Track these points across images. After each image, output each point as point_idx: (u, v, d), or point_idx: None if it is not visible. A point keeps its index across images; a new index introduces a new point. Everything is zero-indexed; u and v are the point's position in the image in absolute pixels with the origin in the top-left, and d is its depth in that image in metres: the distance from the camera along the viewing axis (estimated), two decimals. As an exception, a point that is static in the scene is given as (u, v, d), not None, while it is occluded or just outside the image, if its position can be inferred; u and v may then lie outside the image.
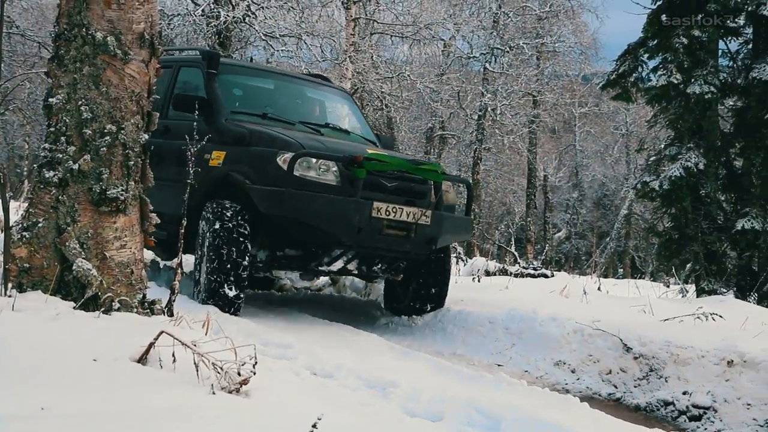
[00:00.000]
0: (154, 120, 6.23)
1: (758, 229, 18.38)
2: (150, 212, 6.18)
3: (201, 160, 9.08)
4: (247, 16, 24.29)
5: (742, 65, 20.04)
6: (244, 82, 11.34)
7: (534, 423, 6.01)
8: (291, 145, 9.07)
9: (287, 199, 8.71)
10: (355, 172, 9.01)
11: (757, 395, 7.87)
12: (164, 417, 3.79)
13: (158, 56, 6.16)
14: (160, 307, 5.91)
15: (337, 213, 8.91)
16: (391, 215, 9.16)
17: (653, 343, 8.85)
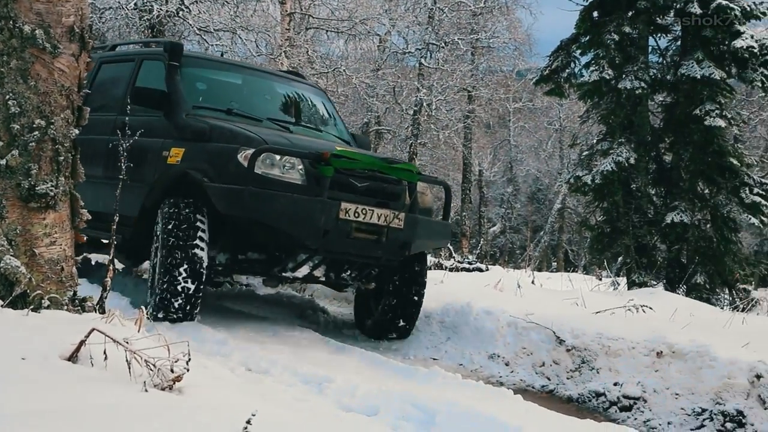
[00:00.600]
0: (84, 115, 6.13)
1: (686, 223, 18.73)
2: (81, 208, 6.08)
3: (159, 157, 8.87)
4: (180, 10, 24.13)
5: (671, 62, 20.34)
6: (209, 75, 10.55)
7: (468, 416, 6.03)
8: (253, 141, 8.37)
9: (247, 198, 7.98)
10: (322, 169, 8.26)
11: (684, 385, 7.97)
12: (95, 416, 3.74)
13: (89, 50, 6.05)
14: (91, 305, 5.81)
15: (301, 214, 8.17)
16: (361, 217, 8.37)
17: (585, 335, 8.92)
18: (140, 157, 8.70)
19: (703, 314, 11.65)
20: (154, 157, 8.90)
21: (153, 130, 8.81)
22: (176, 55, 9.65)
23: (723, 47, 19.65)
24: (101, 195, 9.04)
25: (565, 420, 6.67)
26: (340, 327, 10.38)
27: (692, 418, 7.73)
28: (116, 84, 10.37)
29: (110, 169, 9.44)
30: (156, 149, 8.92)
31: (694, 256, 19.35)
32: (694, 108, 19.23)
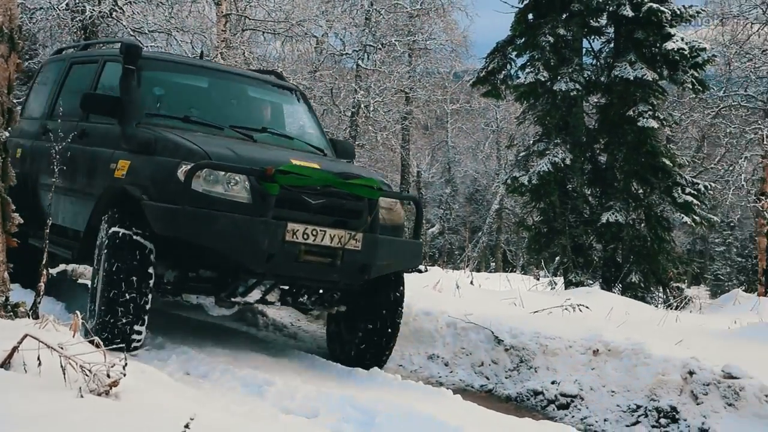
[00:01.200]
0: (15, 116, 6.06)
1: (621, 222, 18.95)
2: (12, 212, 6.02)
3: (107, 170, 8.06)
4: (114, 11, 23.82)
5: (605, 63, 20.56)
6: (171, 79, 9.40)
7: (408, 417, 6.05)
8: (194, 155, 7.40)
9: (181, 218, 7.12)
10: (267, 187, 7.31)
11: (620, 382, 8.06)
12: (30, 423, 3.71)
13: (18, 51, 5.97)
14: (24, 310, 5.75)
15: (241, 236, 7.24)
16: (311, 239, 7.41)
17: (523, 335, 8.99)
18: (91, 169, 8.38)
19: (638, 312, 11.80)
20: (103, 169, 8.16)
21: (106, 139, 8.43)
22: (132, 58, 8.68)
23: (655, 49, 19.89)
24: (60, 207, 8.84)
25: (503, 419, 6.72)
26: (280, 329, 10.33)
27: (628, 415, 7.82)
28: (81, 87, 9.38)
29: (67, 179, 8.68)
30: (105, 160, 8.18)
31: (629, 255, 19.60)
32: (628, 109, 19.48)
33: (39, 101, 10.42)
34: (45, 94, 10.27)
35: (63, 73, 10.05)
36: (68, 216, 8.83)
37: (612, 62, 20.02)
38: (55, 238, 8.60)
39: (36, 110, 10.30)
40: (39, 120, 10.01)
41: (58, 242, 8.79)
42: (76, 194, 8.65)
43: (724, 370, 7.68)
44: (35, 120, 10.12)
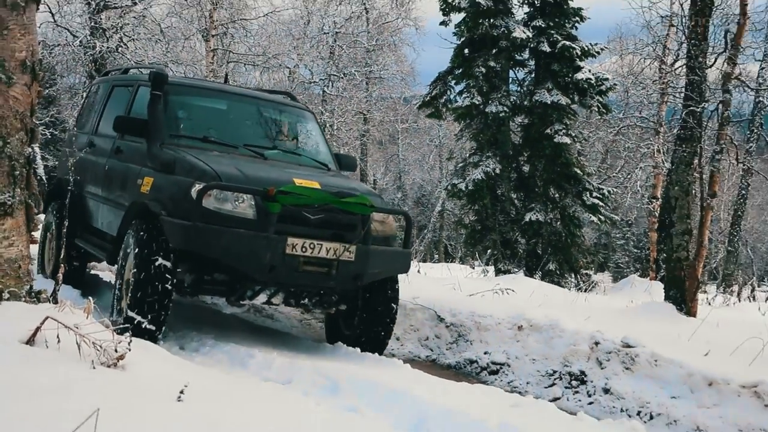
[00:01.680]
0: (37, 135, 5.95)
1: (541, 221, 19.23)
2: (35, 215, 5.93)
3: (135, 185, 7.70)
4: (119, 47, 23.66)
5: (528, 90, 20.72)
6: (194, 102, 8.82)
7: (366, 382, 6.06)
8: (205, 175, 7.04)
9: (193, 234, 6.77)
10: (268, 206, 6.94)
11: (540, 352, 8.10)
12: (49, 390, 3.67)
13: (39, 80, 5.88)
14: (46, 296, 5.67)
15: (246, 250, 6.92)
16: (309, 252, 7.07)
17: (461, 314, 9.01)
18: (123, 182, 8.08)
19: (554, 295, 11.86)
20: (132, 184, 7.78)
21: (136, 157, 8.05)
22: (159, 84, 8.17)
23: (568, 79, 20.07)
24: (99, 213, 8.72)
25: (444, 383, 6.71)
26: (259, 310, 10.26)
27: (546, 378, 7.86)
28: (120, 107, 8.95)
29: (105, 189, 8.62)
30: (134, 176, 7.80)
31: (548, 247, 19.79)
32: (546, 128, 19.68)
33: (89, 117, 10.03)
34: (93, 111, 9.92)
35: (107, 93, 9.66)
36: (105, 222, 8.56)
37: (533, 89, 20.18)
38: (96, 240, 8.54)
39: (87, 126, 9.95)
40: (88, 134, 9.71)
41: (98, 245, 8.57)
42: (112, 203, 8.36)
43: (623, 340, 7.73)
44: (85, 134, 9.82)
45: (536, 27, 20.10)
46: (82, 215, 9.09)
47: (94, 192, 8.92)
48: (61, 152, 10.31)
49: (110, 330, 4.49)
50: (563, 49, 19.68)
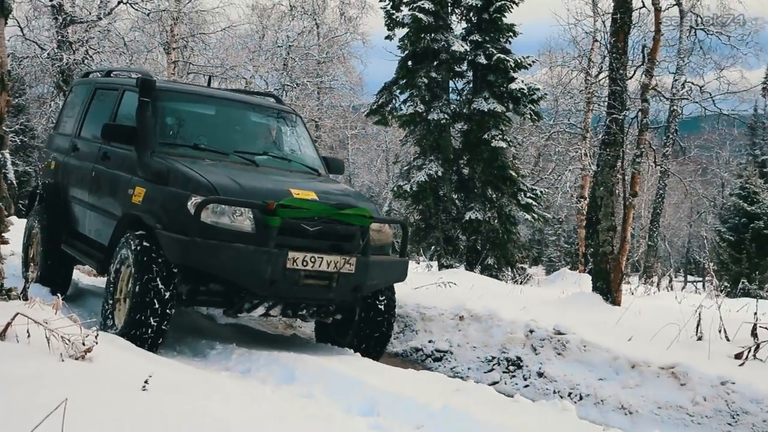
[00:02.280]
0: (6, 142, 5.88)
1: (480, 219, 19.38)
2: (6, 217, 5.83)
3: (125, 194, 6.93)
4: (85, 59, 23.39)
5: (466, 99, 20.83)
6: (183, 108, 7.96)
7: (320, 371, 6.02)
8: (202, 188, 6.33)
9: (191, 249, 6.11)
10: (268, 220, 6.31)
11: (480, 340, 8.11)
12: (20, 381, 3.62)
13: (8, 90, 5.80)
14: (16, 294, 5.60)
15: (245, 265, 6.28)
16: (309, 265, 6.43)
17: (407, 305, 8.97)
18: (113, 190, 7.28)
19: (492, 287, 11.96)
20: (122, 194, 7.02)
21: (124, 164, 7.24)
22: (147, 91, 7.37)
23: (503, 89, 20.22)
24: (86, 220, 7.94)
25: (393, 370, 6.71)
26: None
27: (485, 364, 7.86)
28: (105, 112, 8.07)
29: (92, 196, 7.76)
30: (124, 185, 7.05)
31: (486, 244, 19.94)
32: (483, 134, 19.85)
33: (70, 119, 9.00)
34: (74, 114, 8.87)
35: (89, 96, 8.65)
36: (94, 230, 7.75)
37: (471, 98, 20.31)
38: (84, 247, 7.85)
39: (68, 127, 8.93)
40: (70, 137, 8.70)
41: (87, 253, 7.74)
42: (101, 211, 7.56)
43: (555, 328, 7.78)
44: (67, 137, 8.80)
45: (473, 41, 20.22)
46: (68, 220, 8.30)
47: (80, 197, 8.12)
48: (43, 156, 9.73)
49: (78, 324, 4.43)
50: (498, 61, 19.85)
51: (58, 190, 8.29)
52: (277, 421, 4.04)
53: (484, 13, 20.49)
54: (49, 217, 8.22)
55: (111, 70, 8.95)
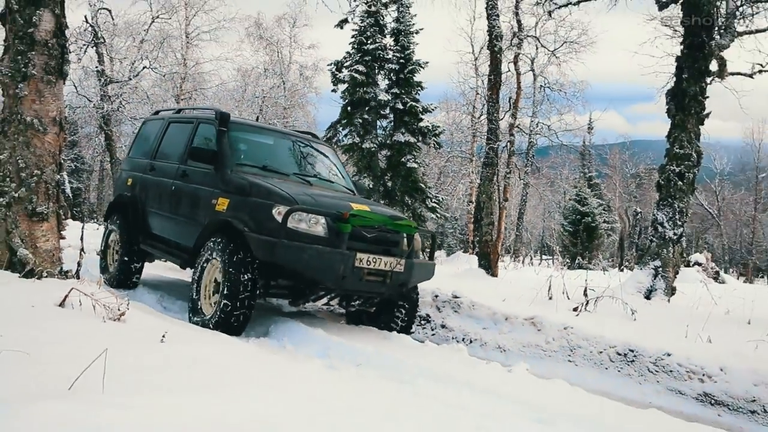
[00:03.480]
0: (64, 167, 5.76)
1: (400, 217, 19.28)
2: (64, 220, 5.73)
3: (209, 204, 6.36)
4: (120, 107, 23.22)
5: (389, 133, 20.85)
6: (249, 137, 7.36)
7: (288, 326, 5.97)
8: (285, 199, 5.81)
9: (280, 249, 5.57)
10: (341, 226, 5.81)
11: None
12: (75, 335, 3.60)
13: (65, 130, 5.72)
14: (72, 274, 5.51)
15: (324, 263, 5.70)
16: (372, 264, 5.96)
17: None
18: (195, 201, 6.65)
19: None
20: (206, 204, 6.43)
21: (205, 180, 6.61)
22: (224, 122, 6.90)
23: (415, 126, 20.34)
24: (166, 225, 7.18)
25: (339, 325, 6.68)
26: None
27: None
28: (180, 139, 7.45)
29: (173, 206, 7.06)
30: (207, 197, 6.45)
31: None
32: (401, 158, 19.95)
33: (144, 146, 8.18)
34: (149, 141, 8.09)
35: (163, 128, 7.95)
36: (174, 233, 7.02)
37: (392, 133, 20.41)
38: (163, 247, 7.15)
39: (143, 152, 8.10)
40: (147, 159, 7.86)
41: (168, 252, 7.07)
42: (182, 218, 6.84)
43: (453, 293, 7.83)
44: (144, 159, 7.94)
45: (393, 93, 20.34)
46: (145, 225, 7.53)
47: (158, 207, 7.34)
48: (119, 174, 8.62)
49: (115, 296, 4.38)
50: (411, 107, 20.03)
51: (136, 202, 7.65)
52: (259, 362, 4.04)
53: (401, 74, 20.66)
54: (128, 223, 7.60)
55: (181, 108, 8.23)
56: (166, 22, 25.21)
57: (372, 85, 20.43)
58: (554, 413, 3.89)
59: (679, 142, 9.69)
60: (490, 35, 12.38)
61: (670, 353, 5.87)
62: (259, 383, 3.37)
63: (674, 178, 9.62)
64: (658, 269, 9.40)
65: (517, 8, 20.90)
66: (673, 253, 9.51)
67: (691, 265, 19.67)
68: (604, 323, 6.89)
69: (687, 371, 5.71)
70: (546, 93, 27.93)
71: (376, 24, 21.01)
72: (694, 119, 9.74)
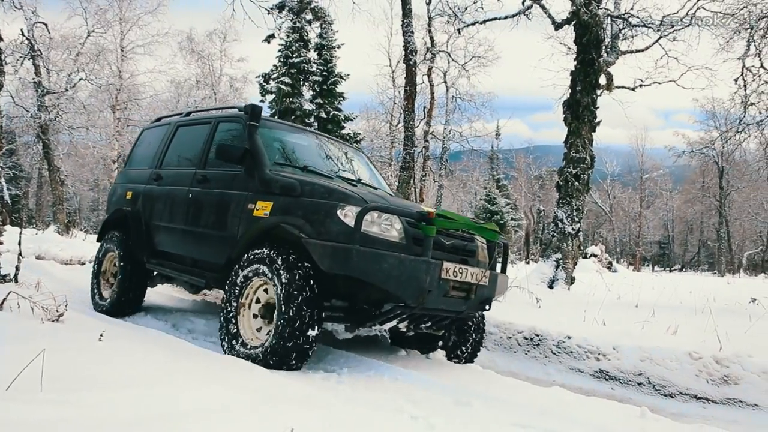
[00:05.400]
0: (1, 174, 5.45)
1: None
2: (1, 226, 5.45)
3: (244, 209, 4.86)
4: (56, 117, 22.37)
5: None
6: (282, 136, 5.74)
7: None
8: (351, 198, 4.33)
9: (355, 257, 4.07)
10: (425, 229, 4.35)
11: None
12: (14, 336, 3.44)
13: (2, 139, 5.46)
14: (10, 278, 5.23)
15: (407, 274, 4.19)
16: (458, 276, 4.51)
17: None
18: (223, 208, 5.11)
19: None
20: (238, 209, 4.93)
21: (235, 183, 5.11)
22: (256, 116, 5.37)
23: (337, 134, 20.31)
24: (180, 240, 5.63)
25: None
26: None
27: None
28: (194, 143, 6.00)
29: (190, 218, 5.50)
30: (240, 201, 4.95)
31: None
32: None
33: (145, 155, 6.75)
34: (152, 150, 6.66)
35: (169, 133, 6.50)
36: (193, 249, 5.46)
37: (318, 141, 20.32)
38: (179, 266, 5.59)
39: (143, 162, 6.70)
40: (149, 169, 6.45)
41: (188, 271, 5.48)
42: (206, 230, 5.26)
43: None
44: (146, 169, 6.51)
45: (317, 103, 20.28)
46: (149, 242, 6.01)
47: (170, 220, 5.80)
48: (112, 189, 7.17)
49: (53, 298, 4.19)
50: (333, 116, 20.00)
51: (139, 216, 6.20)
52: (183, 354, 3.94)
53: (324, 85, 20.62)
54: (130, 239, 6.21)
55: (190, 111, 6.89)
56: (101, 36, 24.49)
57: (297, 95, 20.31)
58: (470, 395, 3.97)
59: (575, 147, 10.09)
60: (406, 50, 12.53)
61: (571, 336, 6.08)
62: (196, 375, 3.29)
63: (571, 180, 10.00)
64: (559, 261, 9.75)
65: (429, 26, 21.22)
66: (572, 246, 9.88)
67: (588, 256, 20.49)
68: (513, 311, 6.99)
69: (585, 351, 5.93)
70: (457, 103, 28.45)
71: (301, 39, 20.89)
72: (588, 127, 10.16)
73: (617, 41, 10.76)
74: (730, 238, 40.36)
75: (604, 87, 10.72)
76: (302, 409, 2.93)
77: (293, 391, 3.28)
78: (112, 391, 2.70)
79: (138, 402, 2.60)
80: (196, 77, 33.66)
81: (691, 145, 33.56)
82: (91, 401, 2.51)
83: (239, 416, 2.61)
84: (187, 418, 2.48)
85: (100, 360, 3.26)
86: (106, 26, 24.61)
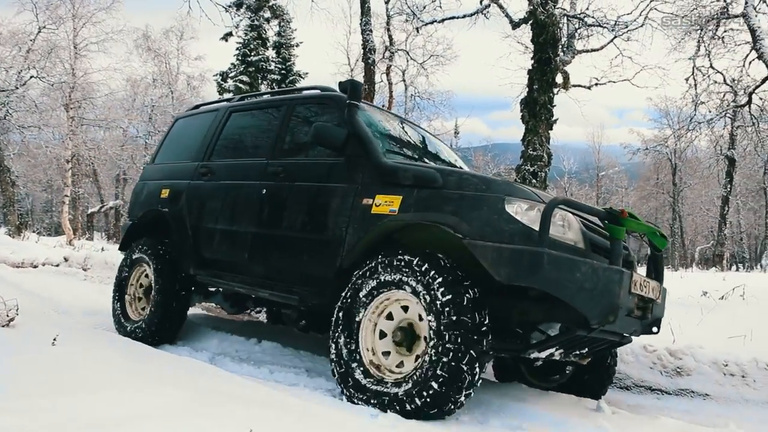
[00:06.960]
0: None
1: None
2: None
3: (358, 206, 3.84)
4: (6, 116, 21.82)
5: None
6: (383, 123, 4.56)
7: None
8: (516, 190, 3.38)
9: (546, 264, 3.07)
10: (615, 231, 3.45)
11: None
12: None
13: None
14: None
15: (600, 287, 3.20)
16: (643, 290, 3.55)
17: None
18: (322, 206, 4.06)
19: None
20: (346, 206, 3.91)
21: (335, 174, 4.09)
22: (357, 95, 4.24)
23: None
24: (249, 247, 4.53)
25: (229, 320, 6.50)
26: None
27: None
28: (259, 130, 5.02)
29: (267, 219, 4.43)
30: (347, 196, 3.94)
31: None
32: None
33: (185, 146, 5.62)
34: (193, 141, 5.53)
35: (219, 120, 5.36)
36: (274, 258, 4.34)
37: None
38: (249, 279, 4.53)
39: (183, 154, 5.58)
40: (193, 162, 5.33)
41: (264, 285, 4.39)
42: (292, 234, 4.21)
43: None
44: (185, 163, 5.43)
45: (278, 102, 20.21)
46: (197, 249, 4.98)
47: (230, 222, 4.71)
48: (139, 187, 5.98)
49: (2, 301, 4.05)
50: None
51: (182, 218, 5.14)
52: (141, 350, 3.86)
53: (283, 84, 20.46)
54: (171, 246, 5.23)
55: (243, 96, 5.74)
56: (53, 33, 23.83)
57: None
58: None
59: (532, 145, 10.24)
60: (365, 49, 12.54)
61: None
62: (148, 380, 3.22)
63: (529, 177, 10.15)
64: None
65: (388, 24, 21.27)
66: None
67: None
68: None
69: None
70: (416, 101, 28.68)
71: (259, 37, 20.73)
72: (545, 125, 10.32)
73: (573, 41, 10.98)
74: (683, 233, 41.54)
75: (560, 85, 10.92)
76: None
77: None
78: (67, 396, 2.63)
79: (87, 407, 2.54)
80: (152, 75, 33.12)
81: (645, 142, 34.38)
82: (39, 406, 2.44)
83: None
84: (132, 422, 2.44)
85: (53, 365, 3.17)
86: (58, 22, 24.02)
